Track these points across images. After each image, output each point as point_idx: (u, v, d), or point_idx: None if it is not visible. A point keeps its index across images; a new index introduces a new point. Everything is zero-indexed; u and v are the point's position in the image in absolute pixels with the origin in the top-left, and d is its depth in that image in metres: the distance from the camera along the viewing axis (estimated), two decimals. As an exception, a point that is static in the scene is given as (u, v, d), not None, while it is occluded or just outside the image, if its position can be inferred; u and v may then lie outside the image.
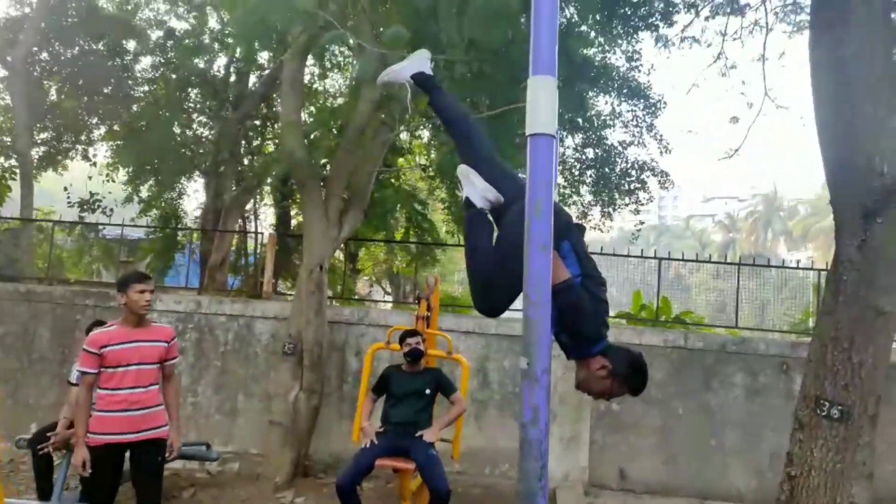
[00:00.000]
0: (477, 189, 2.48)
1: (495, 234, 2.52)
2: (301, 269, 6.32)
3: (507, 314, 2.59)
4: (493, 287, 2.36)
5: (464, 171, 2.52)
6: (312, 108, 9.93)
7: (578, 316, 2.28)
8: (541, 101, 1.99)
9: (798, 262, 7.85)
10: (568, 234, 2.38)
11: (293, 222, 12.42)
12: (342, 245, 7.53)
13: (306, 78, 8.54)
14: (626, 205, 7.98)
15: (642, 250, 8.56)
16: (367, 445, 4.63)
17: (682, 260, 7.86)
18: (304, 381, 6.01)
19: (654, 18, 6.93)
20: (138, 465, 3.70)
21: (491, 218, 2.53)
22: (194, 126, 11.69)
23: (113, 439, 3.59)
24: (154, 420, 3.72)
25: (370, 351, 5.37)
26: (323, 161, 7.75)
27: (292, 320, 6.18)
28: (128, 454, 3.70)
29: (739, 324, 7.65)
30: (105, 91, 10.73)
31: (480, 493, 6.22)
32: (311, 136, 6.40)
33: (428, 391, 4.83)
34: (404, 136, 9.94)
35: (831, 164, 4.21)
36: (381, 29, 5.25)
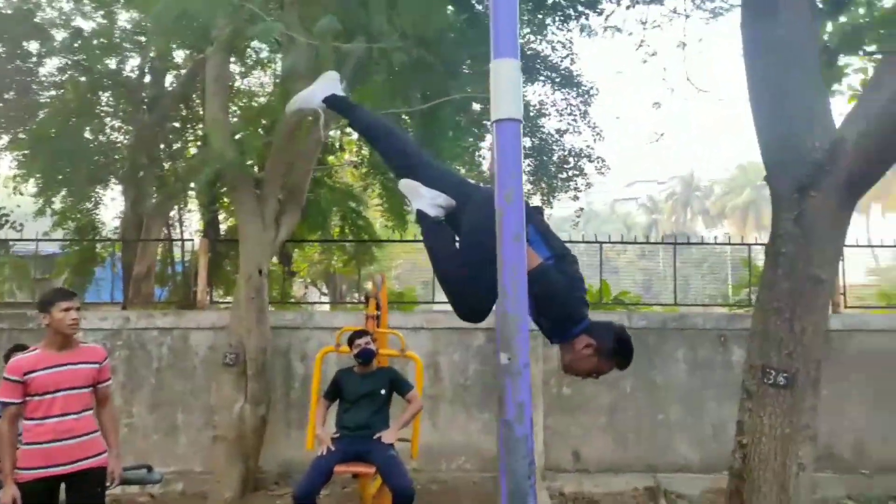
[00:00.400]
0: (425, 199, 2.40)
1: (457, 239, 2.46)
2: (239, 275, 6.04)
3: (449, 309, 2.54)
4: (469, 291, 2.29)
5: (407, 184, 2.44)
6: (236, 108, 9.53)
7: (557, 298, 2.23)
8: (504, 85, 1.90)
9: (730, 237, 8.16)
10: (529, 218, 2.32)
11: (222, 227, 11.94)
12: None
13: (226, 77, 8.15)
14: (565, 191, 8.08)
15: (578, 234, 8.69)
16: (324, 452, 4.46)
17: (623, 242, 8.03)
18: (248, 391, 5.75)
19: (582, 7, 6.99)
20: (76, 498, 3.40)
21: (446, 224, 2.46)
22: (108, 131, 11.00)
23: (44, 473, 3.28)
24: (90, 448, 3.43)
25: (319, 355, 5.18)
26: (251, 162, 7.45)
27: (232, 329, 5.90)
28: (63, 487, 3.40)
29: (668, 300, 7.90)
30: (6, 97, 9.92)
31: (438, 489, 6.15)
32: (239, 136, 6.08)
33: (383, 391, 4.71)
34: (334, 133, 9.70)
35: (766, 142, 4.35)
36: (311, 20, 5.04)
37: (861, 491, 6.13)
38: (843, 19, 6.16)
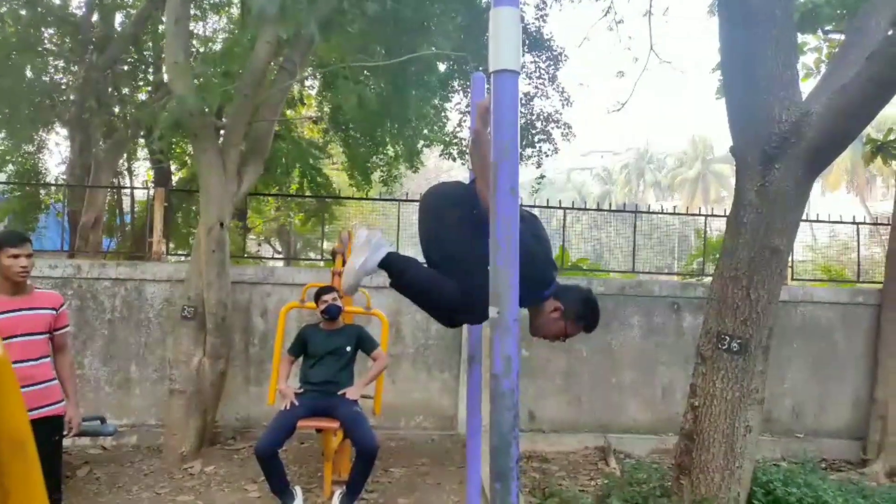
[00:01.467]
0: (371, 248, 2.26)
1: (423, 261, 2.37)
2: (199, 227, 5.85)
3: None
4: (470, 305, 2.17)
5: (356, 260, 2.26)
6: (194, 53, 9.11)
7: (531, 261, 2.23)
8: (504, 34, 1.86)
9: (687, 208, 8.34)
10: (476, 197, 2.29)
11: (173, 179, 11.54)
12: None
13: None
14: (530, 157, 8.09)
15: (536, 201, 8.75)
16: (288, 407, 4.44)
17: (586, 209, 8.17)
18: (207, 345, 5.64)
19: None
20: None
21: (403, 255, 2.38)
22: (52, 71, 10.38)
23: (0, 421, 3.16)
24: (48, 396, 3.31)
25: (283, 310, 5.11)
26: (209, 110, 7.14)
27: (190, 282, 5.74)
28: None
29: (617, 269, 8.09)
30: (-63, 26, 9.22)
31: (396, 446, 6.23)
32: (202, 82, 5.82)
33: (348, 348, 4.70)
34: (295, 86, 9.41)
35: (735, 112, 4.43)
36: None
37: (794, 453, 6.50)
38: (802, -1, 6.30)
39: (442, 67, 7.76)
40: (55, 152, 23.73)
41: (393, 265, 2.28)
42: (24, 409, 0.58)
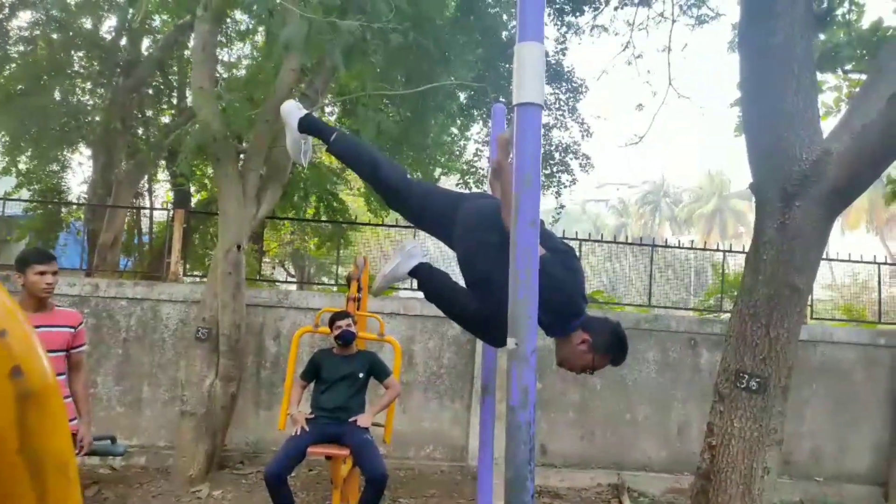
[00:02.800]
0: (403, 256, 2.47)
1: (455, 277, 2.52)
2: (216, 249, 5.90)
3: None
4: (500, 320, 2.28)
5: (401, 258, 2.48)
6: (219, 78, 9.30)
7: (563, 292, 2.22)
8: (528, 68, 1.89)
9: (705, 243, 8.28)
10: None
11: (192, 201, 11.68)
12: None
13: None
14: (549, 187, 8.11)
15: (561, 231, 8.75)
16: (298, 433, 4.40)
17: (602, 241, 8.11)
18: (220, 367, 5.64)
19: (575, 2, 6.99)
20: (43, 465, 3.29)
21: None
22: (79, 93, 10.63)
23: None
24: (62, 415, 3.31)
25: (297, 334, 5.09)
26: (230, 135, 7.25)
27: (205, 304, 5.77)
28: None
29: (632, 302, 8.03)
30: (-28, 48, 9.50)
31: (405, 475, 6.15)
32: (225, 107, 5.93)
33: (361, 375, 4.67)
34: (315, 112, 9.55)
35: (755, 149, 4.42)
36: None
37: (814, 497, 6.33)
38: (822, 37, 6.32)
39: (462, 97, 7.85)
40: (78, 172, 24.13)
41: (421, 273, 2.47)
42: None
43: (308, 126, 2.66)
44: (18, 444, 0.50)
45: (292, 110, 2.68)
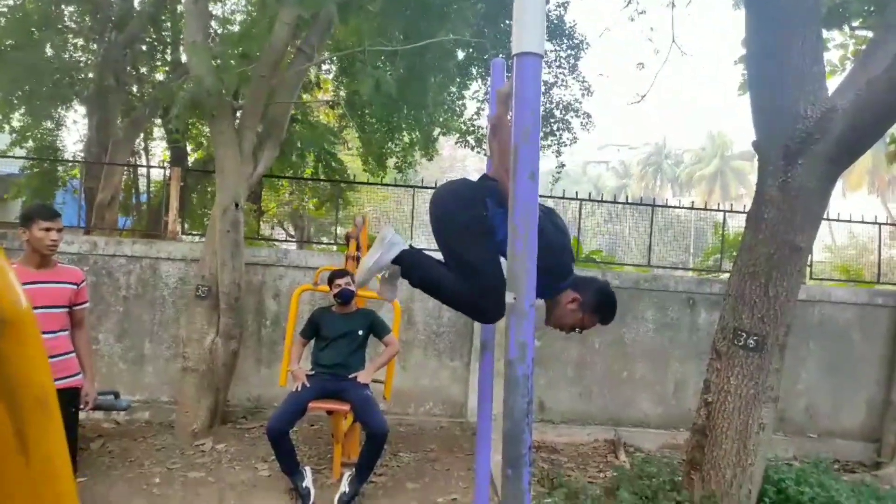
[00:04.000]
0: (384, 246, 2.29)
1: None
2: (214, 207, 5.86)
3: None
4: (483, 306, 2.22)
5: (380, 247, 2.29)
6: (213, 33, 9.10)
7: (553, 252, 2.21)
8: (528, 16, 1.83)
9: (706, 203, 8.26)
10: (486, 196, 2.26)
11: (189, 159, 11.57)
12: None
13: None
14: (550, 146, 8.02)
15: (562, 191, 8.69)
16: (299, 389, 4.46)
17: (603, 201, 8.08)
18: (220, 325, 5.66)
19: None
20: (48, 419, 3.33)
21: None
22: (71, 49, 10.42)
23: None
24: (66, 369, 3.35)
25: (296, 293, 5.12)
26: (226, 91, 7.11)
27: (205, 262, 5.76)
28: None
29: (631, 261, 8.05)
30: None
31: (405, 431, 6.24)
32: (217, 62, 5.81)
33: (360, 332, 4.71)
34: (312, 69, 9.38)
35: (759, 106, 4.35)
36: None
37: (808, 453, 6.44)
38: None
39: (461, 55, 7.70)
40: (73, 129, 23.83)
41: (405, 261, 2.30)
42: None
43: (400, 260, 2.30)
44: (-11, 373, 0.48)
45: (396, 241, 2.32)
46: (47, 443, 0.54)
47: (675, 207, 8.42)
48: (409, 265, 2.31)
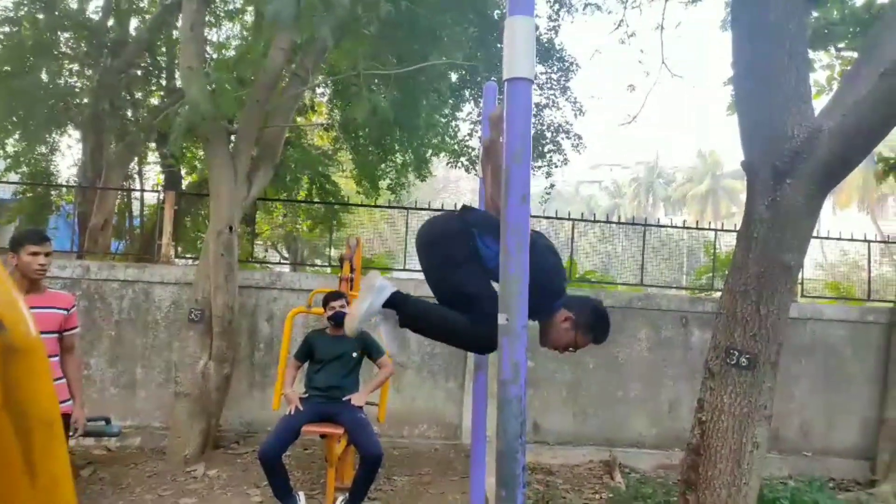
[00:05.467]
0: (374, 292, 2.22)
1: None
2: (208, 230, 5.88)
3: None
4: (480, 335, 2.20)
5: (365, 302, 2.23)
6: (209, 59, 9.19)
7: (548, 273, 2.23)
8: (519, 43, 1.89)
9: (697, 222, 8.29)
10: (470, 227, 2.27)
11: (184, 182, 11.60)
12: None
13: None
14: (540, 167, 8.09)
15: (554, 211, 8.75)
16: (292, 412, 4.43)
17: (595, 221, 8.13)
18: (213, 349, 5.65)
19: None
20: (38, 446, 3.30)
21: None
22: (66, 74, 10.50)
23: (7, 419, 3.17)
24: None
25: (290, 315, 5.11)
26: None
27: (198, 285, 5.76)
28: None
29: (624, 280, 8.11)
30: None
31: (399, 454, 6.20)
32: (215, 87, 5.86)
33: (354, 354, 4.69)
34: (306, 93, 9.47)
35: (747, 126, 4.41)
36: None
37: (802, 472, 6.43)
38: (815, 15, 6.29)
39: (453, 77, 7.79)
40: (67, 154, 23.87)
41: (397, 303, 2.23)
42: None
43: (392, 303, 2.26)
44: (2, 399, 0.50)
45: (382, 291, 2.26)
46: (53, 465, 0.55)
47: (666, 227, 8.47)
48: (403, 302, 2.24)
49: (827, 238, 7.85)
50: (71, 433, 3.46)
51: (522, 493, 1.78)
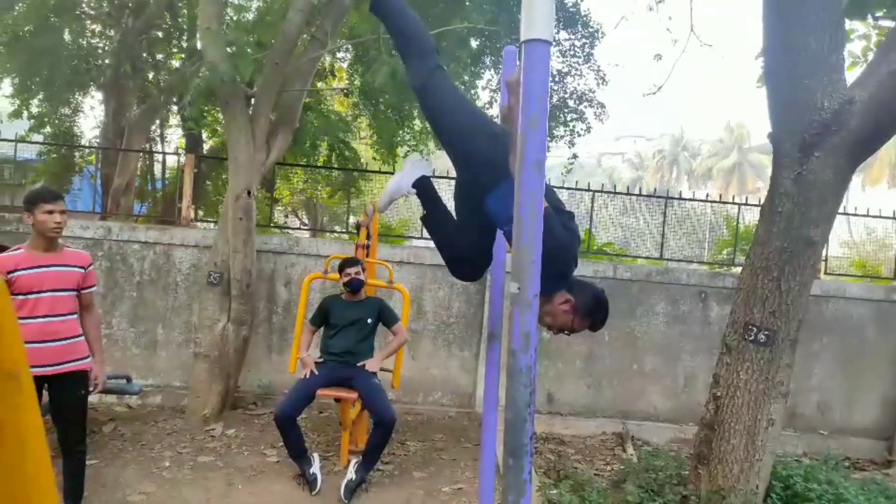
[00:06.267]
0: (410, 166, 2.65)
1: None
2: (227, 194, 5.89)
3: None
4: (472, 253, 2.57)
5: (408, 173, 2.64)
6: (228, 20, 9.11)
7: (553, 248, 2.19)
8: (537, 3, 1.80)
9: (721, 196, 8.13)
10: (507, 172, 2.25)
11: (204, 146, 11.63)
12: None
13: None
14: (562, 136, 7.96)
15: (567, 183, 8.65)
16: (308, 376, 4.49)
17: (616, 193, 8.01)
18: (232, 311, 5.71)
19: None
20: (59, 399, 3.38)
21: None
22: (88, 35, 10.49)
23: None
24: (75, 352, 3.39)
25: (307, 280, 5.14)
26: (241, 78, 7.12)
27: (217, 249, 5.80)
28: (45, 388, 3.36)
29: (644, 254, 8.01)
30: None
31: (413, 420, 6.27)
32: (231, 49, 5.81)
33: (370, 320, 4.72)
34: (326, 57, 9.37)
35: (775, 96, 4.28)
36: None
37: (818, 450, 6.38)
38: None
39: (474, 43, 7.64)
40: (90, 116, 24.04)
41: (420, 191, 2.59)
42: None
43: (422, 188, 2.62)
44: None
45: (418, 169, 2.65)
46: (19, 418, 0.54)
47: (688, 200, 8.32)
48: (426, 187, 2.59)
49: (854, 214, 7.66)
50: (90, 389, 3.53)
51: (530, 462, 1.78)
